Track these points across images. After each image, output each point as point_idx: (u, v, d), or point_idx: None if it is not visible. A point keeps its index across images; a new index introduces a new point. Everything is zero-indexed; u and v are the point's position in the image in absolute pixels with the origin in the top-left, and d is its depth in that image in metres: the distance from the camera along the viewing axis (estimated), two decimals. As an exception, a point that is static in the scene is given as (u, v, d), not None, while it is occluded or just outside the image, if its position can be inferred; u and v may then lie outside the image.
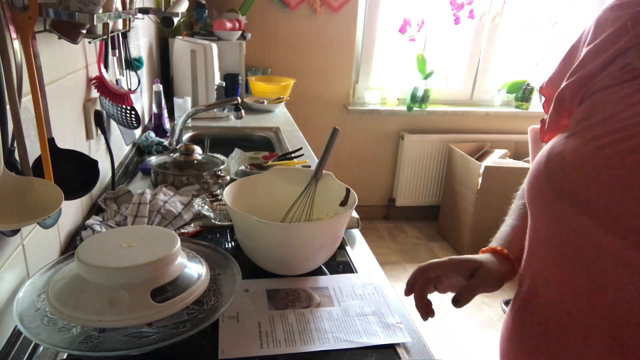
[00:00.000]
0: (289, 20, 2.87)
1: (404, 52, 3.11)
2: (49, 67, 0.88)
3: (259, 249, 0.94)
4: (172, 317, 0.66)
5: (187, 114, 1.70)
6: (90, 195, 1.20)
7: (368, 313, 0.86)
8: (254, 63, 2.89)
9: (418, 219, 3.45)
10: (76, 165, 0.89)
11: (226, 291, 0.76)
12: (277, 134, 2.07)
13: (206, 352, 0.74)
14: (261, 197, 1.07)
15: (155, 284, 0.66)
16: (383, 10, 2.98)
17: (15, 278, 0.76)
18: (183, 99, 2.07)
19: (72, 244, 1.02)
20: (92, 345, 0.63)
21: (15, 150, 0.69)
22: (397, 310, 0.87)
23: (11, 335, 0.74)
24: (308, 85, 3.01)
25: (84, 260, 0.66)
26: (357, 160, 3.27)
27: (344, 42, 2.98)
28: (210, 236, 1.13)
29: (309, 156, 1.72)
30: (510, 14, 3.10)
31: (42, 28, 0.82)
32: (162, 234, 0.75)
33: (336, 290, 0.93)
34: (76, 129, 1.10)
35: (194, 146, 1.42)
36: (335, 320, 0.84)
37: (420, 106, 3.11)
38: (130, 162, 1.59)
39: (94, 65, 1.22)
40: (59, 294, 0.66)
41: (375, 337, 0.80)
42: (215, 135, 1.98)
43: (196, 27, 2.50)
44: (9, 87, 0.65)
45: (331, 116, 3.14)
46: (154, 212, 1.14)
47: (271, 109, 2.44)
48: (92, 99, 1.21)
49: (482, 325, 2.40)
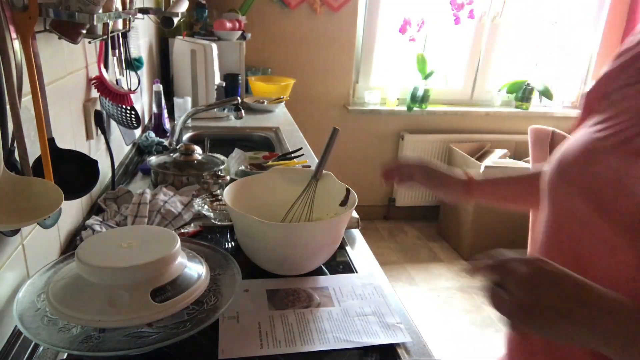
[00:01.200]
0: (289, 20, 2.87)
1: (404, 52, 3.11)
2: (49, 67, 0.88)
3: (259, 249, 0.94)
4: (172, 317, 0.66)
5: (187, 114, 1.70)
6: (90, 195, 1.20)
7: (368, 313, 0.86)
8: (254, 63, 2.89)
9: (418, 219, 3.45)
10: (76, 165, 0.89)
11: (226, 291, 0.76)
12: (277, 134, 2.07)
13: (206, 352, 0.74)
14: (261, 197, 1.07)
15: (155, 284, 0.66)
16: (383, 10, 2.98)
17: (15, 278, 0.76)
18: (183, 99, 2.07)
19: (72, 244, 1.02)
20: (92, 345, 0.63)
21: (15, 150, 0.69)
22: (397, 311, 0.87)
23: (11, 335, 0.74)
24: (308, 85, 3.01)
25: (84, 260, 0.66)
26: (357, 160, 3.27)
27: (344, 42, 2.98)
28: (210, 236, 1.13)
29: (309, 156, 1.72)
30: (510, 14, 3.10)
31: (42, 28, 0.82)
32: (162, 234, 0.75)
33: (336, 290, 0.93)
34: (76, 129, 1.10)
35: (194, 146, 1.42)
36: (335, 320, 0.83)
37: (420, 106, 3.11)
38: (130, 162, 1.59)
39: (94, 65, 1.22)
40: (59, 294, 0.66)
41: (376, 337, 0.80)
42: (215, 135, 1.98)
43: (196, 27, 2.50)
44: (9, 87, 0.65)
45: (331, 116, 3.14)
46: (154, 212, 1.14)
47: (271, 109, 2.44)
48: (92, 99, 1.21)
49: (482, 325, 2.40)
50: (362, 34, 3.03)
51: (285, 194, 1.06)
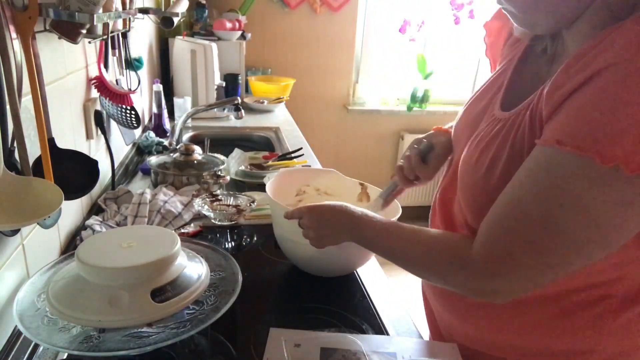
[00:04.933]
0: (289, 20, 2.87)
1: (404, 52, 3.11)
2: (49, 67, 0.88)
3: (297, 243, 0.89)
4: (172, 317, 0.66)
5: (187, 114, 1.70)
6: (90, 195, 1.20)
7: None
8: (254, 63, 2.89)
9: (418, 219, 3.43)
10: (76, 165, 0.89)
11: (226, 291, 0.76)
12: (277, 134, 2.07)
13: (206, 352, 0.74)
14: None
15: (155, 284, 0.66)
16: (383, 10, 2.98)
17: (15, 278, 0.76)
18: (183, 99, 2.07)
19: (72, 244, 1.02)
20: (92, 345, 0.63)
21: (15, 150, 0.69)
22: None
23: (11, 335, 0.74)
24: (308, 85, 3.01)
25: (84, 260, 0.66)
26: (357, 160, 3.27)
27: (343, 42, 2.98)
28: (210, 236, 1.13)
29: (309, 156, 1.72)
30: (510, 14, 3.10)
31: (42, 28, 0.82)
32: (162, 234, 0.75)
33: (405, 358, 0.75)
34: (76, 129, 1.10)
35: (194, 146, 1.42)
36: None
37: (420, 106, 3.11)
38: (130, 162, 1.59)
39: (94, 65, 1.22)
40: (59, 294, 0.65)
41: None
42: (215, 135, 1.99)
43: (196, 27, 2.50)
44: (9, 87, 0.65)
45: (331, 116, 3.14)
46: (154, 212, 1.14)
47: (271, 109, 2.44)
48: (92, 99, 1.21)
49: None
50: (362, 34, 3.03)
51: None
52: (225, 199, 1.19)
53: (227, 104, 1.84)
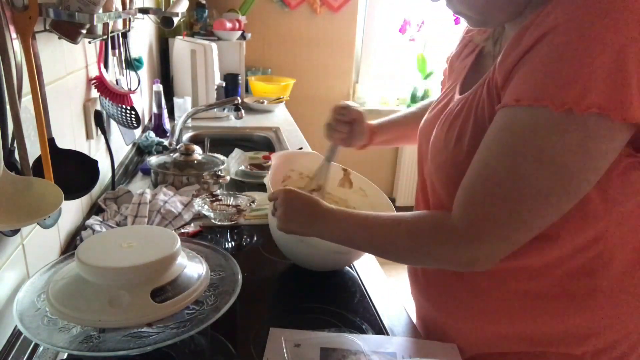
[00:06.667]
0: (289, 20, 2.87)
1: (404, 52, 3.11)
2: (49, 67, 0.88)
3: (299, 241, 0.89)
4: (172, 317, 0.66)
5: (187, 114, 1.70)
6: (90, 195, 1.20)
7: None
8: (254, 63, 2.89)
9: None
10: (76, 165, 0.89)
11: (226, 291, 0.76)
12: (277, 134, 2.07)
13: (206, 352, 0.74)
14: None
15: (155, 284, 0.66)
16: (383, 10, 2.98)
17: (15, 278, 0.76)
18: (183, 99, 2.07)
19: (72, 244, 1.02)
20: (92, 345, 0.63)
21: (15, 150, 0.69)
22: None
23: (11, 335, 0.74)
24: (308, 85, 3.01)
25: (84, 260, 0.66)
26: (357, 160, 3.26)
27: (343, 42, 2.98)
28: (210, 236, 1.13)
29: (309, 156, 1.72)
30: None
31: (42, 28, 0.82)
32: (162, 234, 0.75)
33: (405, 358, 0.75)
34: (76, 129, 1.10)
35: (194, 146, 1.42)
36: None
37: (420, 106, 3.11)
38: (130, 162, 1.59)
39: (94, 65, 1.23)
40: (59, 294, 0.65)
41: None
42: (215, 135, 1.99)
43: (196, 27, 2.50)
44: (9, 87, 0.65)
45: (331, 116, 3.14)
46: (154, 212, 1.14)
47: (271, 109, 2.44)
48: (92, 99, 1.21)
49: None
50: (362, 34, 3.03)
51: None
52: (225, 199, 1.19)
53: (227, 104, 1.84)
